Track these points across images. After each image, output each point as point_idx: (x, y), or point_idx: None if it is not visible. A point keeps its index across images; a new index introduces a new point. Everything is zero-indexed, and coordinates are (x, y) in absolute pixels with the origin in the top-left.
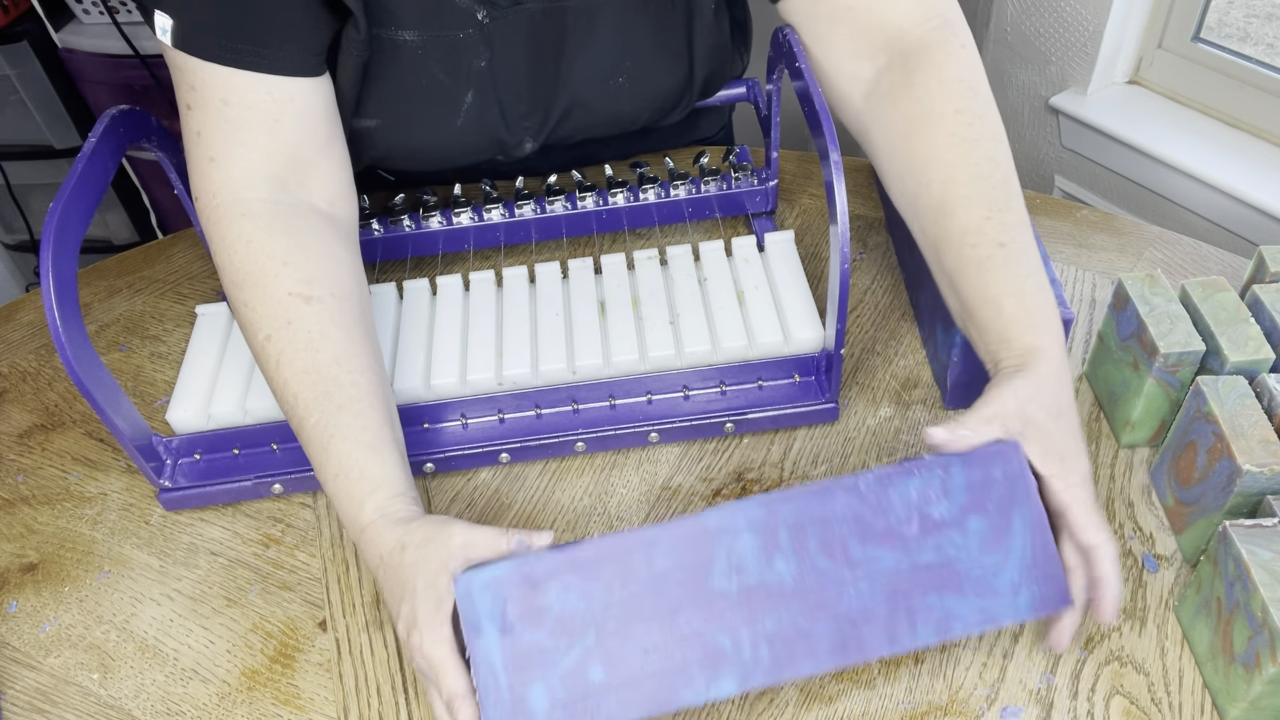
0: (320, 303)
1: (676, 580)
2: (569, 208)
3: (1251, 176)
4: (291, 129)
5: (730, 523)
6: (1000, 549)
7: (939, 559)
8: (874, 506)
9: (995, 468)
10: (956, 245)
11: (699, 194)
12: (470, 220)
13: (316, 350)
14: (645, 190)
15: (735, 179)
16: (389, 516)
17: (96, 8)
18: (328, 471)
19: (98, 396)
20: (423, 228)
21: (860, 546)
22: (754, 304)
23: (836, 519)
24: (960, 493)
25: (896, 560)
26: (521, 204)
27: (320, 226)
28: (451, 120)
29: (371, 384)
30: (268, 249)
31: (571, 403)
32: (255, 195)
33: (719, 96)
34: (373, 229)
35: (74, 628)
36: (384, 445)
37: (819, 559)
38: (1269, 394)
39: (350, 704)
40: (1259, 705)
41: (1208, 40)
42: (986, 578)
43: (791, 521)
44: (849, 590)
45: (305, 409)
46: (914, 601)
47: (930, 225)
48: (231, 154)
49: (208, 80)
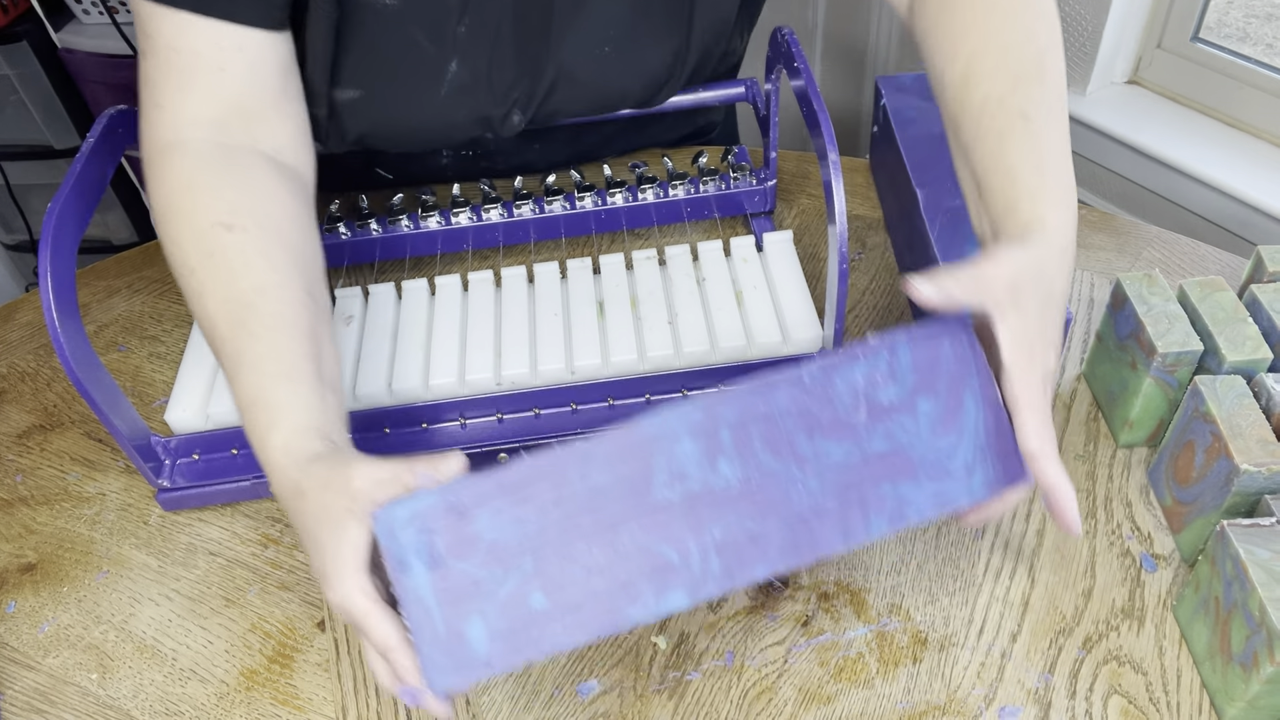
0: (245, 232)
1: (615, 495)
2: (568, 208)
3: (1250, 176)
4: (238, 79)
5: (667, 428)
6: (953, 430)
7: (890, 446)
8: (820, 398)
9: (943, 345)
10: (975, 116)
11: (697, 194)
12: (469, 220)
13: (237, 279)
14: (644, 190)
15: (734, 179)
16: (293, 455)
17: (96, 8)
18: (240, 405)
19: (96, 397)
20: (421, 228)
21: (808, 441)
22: (752, 304)
23: (781, 414)
24: (908, 374)
25: (846, 452)
26: (520, 204)
27: (260, 164)
28: (435, 91)
29: (296, 315)
30: (198, 182)
31: (570, 403)
32: (195, 135)
33: (715, 96)
34: (371, 229)
35: (72, 628)
36: (299, 375)
37: (765, 458)
38: (1267, 394)
39: (349, 704)
40: (1257, 704)
41: (1207, 40)
42: (940, 461)
43: (733, 421)
44: (798, 488)
45: (221, 340)
46: (866, 493)
47: (952, 101)
48: (176, 100)
49: (161, 27)
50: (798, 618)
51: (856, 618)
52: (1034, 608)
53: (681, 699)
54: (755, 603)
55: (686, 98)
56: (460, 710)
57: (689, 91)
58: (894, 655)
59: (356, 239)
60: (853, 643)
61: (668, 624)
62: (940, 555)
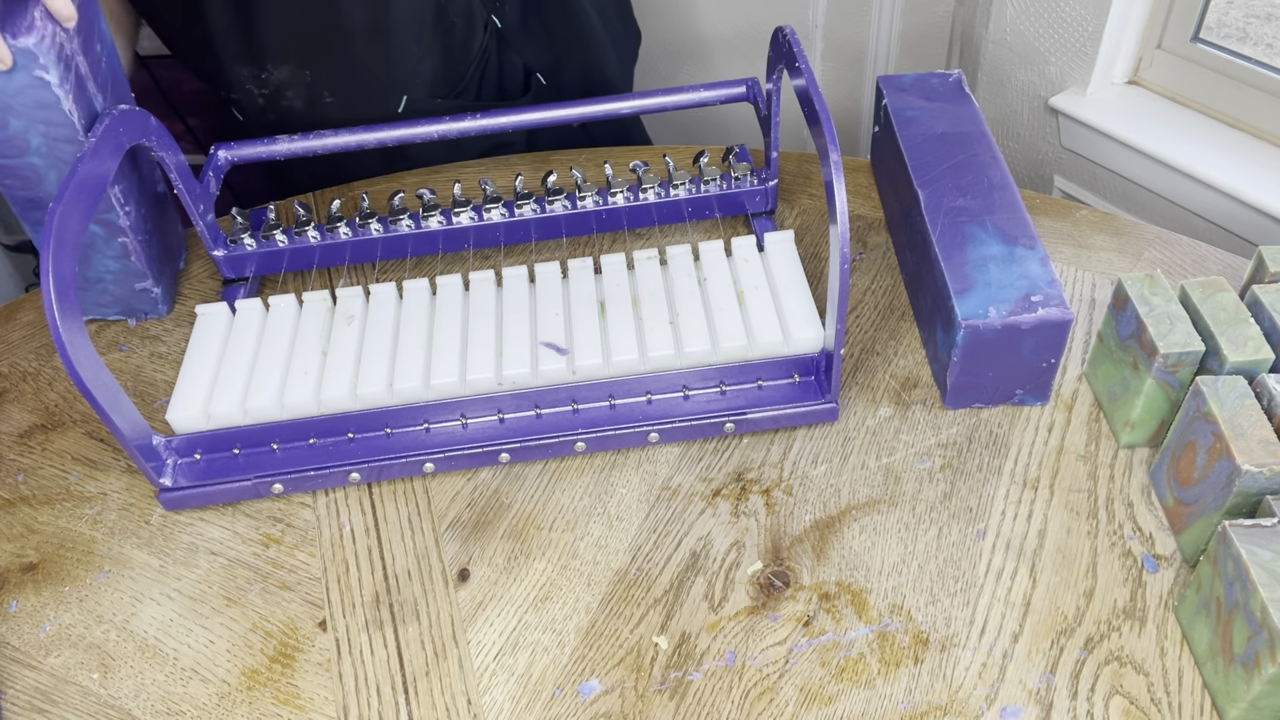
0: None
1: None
2: (569, 207)
3: (1251, 176)
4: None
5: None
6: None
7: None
8: None
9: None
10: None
11: (699, 194)
12: (470, 220)
13: None
14: (645, 191)
15: (735, 179)
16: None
17: None
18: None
19: (97, 396)
20: (422, 228)
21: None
22: (754, 304)
23: None
24: None
25: None
26: (521, 204)
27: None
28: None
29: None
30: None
31: (571, 403)
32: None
33: (715, 96)
34: (372, 229)
35: (74, 627)
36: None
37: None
38: (1268, 394)
39: (350, 704)
40: (1258, 705)
41: (1207, 40)
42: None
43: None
44: None
45: None
46: None
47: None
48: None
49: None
50: (799, 618)
51: (858, 618)
52: (1035, 608)
53: (683, 699)
54: (756, 603)
55: (687, 96)
56: (461, 710)
57: (689, 91)
58: (895, 655)
59: (358, 239)
60: (854, 643)
61: (669, 624)
62: (942, 556)
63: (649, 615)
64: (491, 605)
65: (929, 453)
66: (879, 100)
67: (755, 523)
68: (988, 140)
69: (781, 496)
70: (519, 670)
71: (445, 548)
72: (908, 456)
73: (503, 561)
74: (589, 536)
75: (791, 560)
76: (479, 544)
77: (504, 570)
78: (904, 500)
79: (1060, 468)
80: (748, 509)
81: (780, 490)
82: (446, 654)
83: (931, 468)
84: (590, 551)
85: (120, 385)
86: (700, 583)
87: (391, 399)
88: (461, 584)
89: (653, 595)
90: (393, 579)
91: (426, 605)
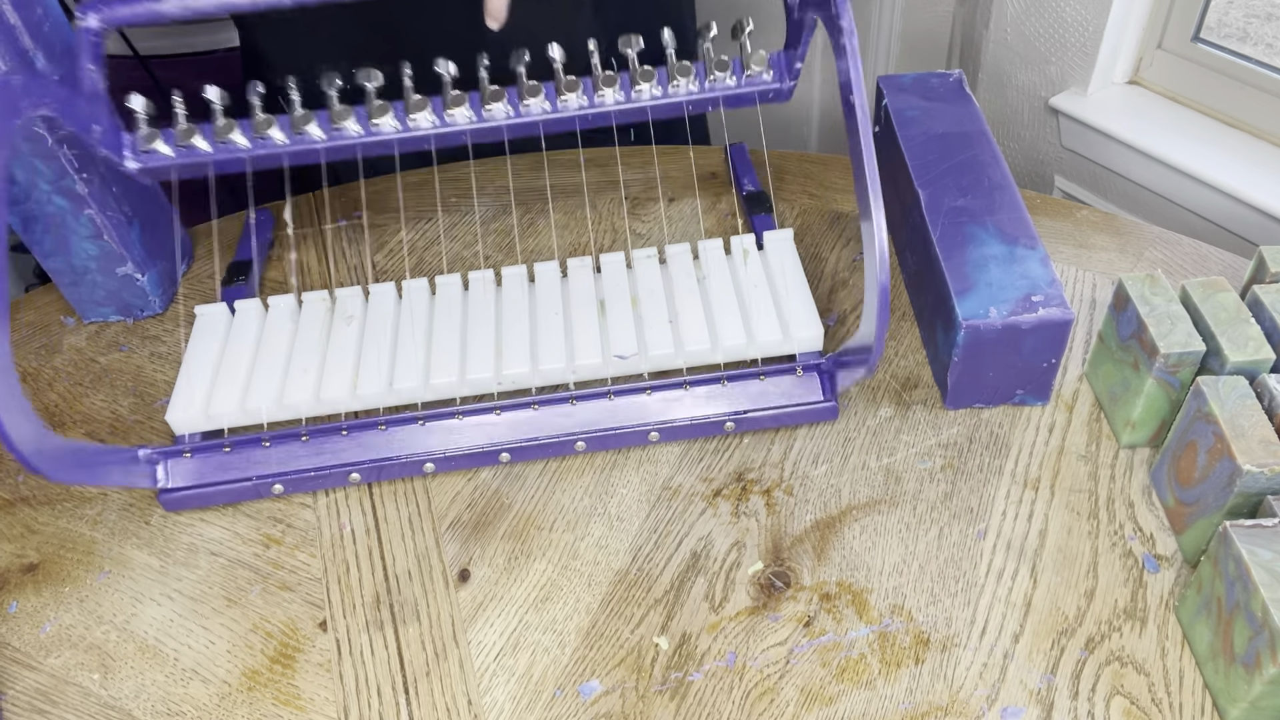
0: None
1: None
2: (548, 110)
3: (1251, 176)
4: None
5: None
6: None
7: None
8: None
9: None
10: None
11: (704, 93)
12: (431, 124)
13: None
14: (638, 88)
15: (747, 73)
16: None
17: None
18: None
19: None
20: (373, 132)
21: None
22: (753, 302)
23: None
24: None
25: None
26: (491, 104)
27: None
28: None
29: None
30: None
31: (571, 402)
32: None
33: None
34: (312, 135)
35: (74, 628)
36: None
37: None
38: (1269, 394)
39: (350, 704)
40: (1259, 705)
41: (1207, 40)
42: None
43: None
44: None
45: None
46: None
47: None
48: None
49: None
50: (800, 618)
51: (859, 618)
52: (1036, 608)
53: (683, 700)
54: (757, 603)
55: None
56: (462, 710)
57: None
58: (896, 656)
59: (294, 146)
60: (855, 643)
61: (669, 624)
62: (942, 556)
63: (650, 615)
64: (492, 605)
65: (930, 453)
66: (879, 100)
67: (756, 523)
68: (988, 140)
69: (782, 496)
70: (519, 670)
71: (446, 548)
72: (908, 456)
73: (503, 562)
74: (589, 537)
75: (792, 560)
76: (479, 544)
77: (504, 570)
78: (905, 500)
79: (1061, 468)
80: (748, 509)
81: (781, 490)
82: (447, 654)
83: (932, 468)
84: (591, 552)
85: (119, 385)
86: (701, 583)
87: (391, 398)
88: (462, 584)
89: (653, 595)
90: (393, 579)
91: (427, 606)
